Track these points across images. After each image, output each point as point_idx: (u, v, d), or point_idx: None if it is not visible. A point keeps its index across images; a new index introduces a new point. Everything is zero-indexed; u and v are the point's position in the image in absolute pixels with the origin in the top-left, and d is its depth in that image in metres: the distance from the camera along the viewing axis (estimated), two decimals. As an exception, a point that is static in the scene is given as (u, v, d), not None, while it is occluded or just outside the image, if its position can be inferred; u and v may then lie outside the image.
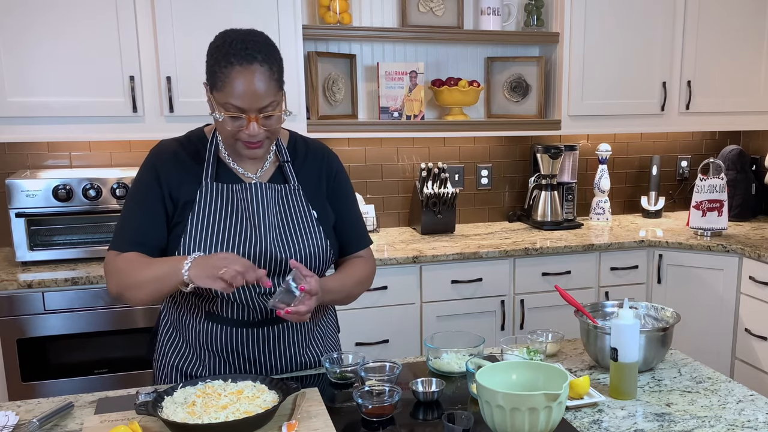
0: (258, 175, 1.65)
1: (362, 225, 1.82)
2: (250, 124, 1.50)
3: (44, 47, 2.65)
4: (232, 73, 1.46)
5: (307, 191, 1.69)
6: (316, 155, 1.74)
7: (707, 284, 3.17)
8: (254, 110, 1.49)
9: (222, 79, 1.48)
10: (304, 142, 1.75)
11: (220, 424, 1.32)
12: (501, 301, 3.08)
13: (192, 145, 1.65)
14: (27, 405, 1.56)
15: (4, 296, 2.53)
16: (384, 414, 1.46)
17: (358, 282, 1.74)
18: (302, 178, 1.69)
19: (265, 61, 1.48)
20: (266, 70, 1.48)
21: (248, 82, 1.46)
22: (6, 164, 3.01)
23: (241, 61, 1.46)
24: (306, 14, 3.16)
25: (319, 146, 1.77)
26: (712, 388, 1.63)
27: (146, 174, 1.62)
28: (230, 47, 1.48)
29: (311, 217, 1.67)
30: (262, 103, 1.49)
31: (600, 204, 3.67)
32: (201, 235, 1.58)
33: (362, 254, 1.80)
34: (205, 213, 1.59)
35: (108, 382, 2.65)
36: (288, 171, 1.68)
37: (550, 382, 1.38)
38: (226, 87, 1.47)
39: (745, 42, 3.47)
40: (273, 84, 1.50)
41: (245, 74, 1.46)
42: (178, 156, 1.63)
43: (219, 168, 1.64)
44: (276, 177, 1.67)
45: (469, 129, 3.31)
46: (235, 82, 1.46)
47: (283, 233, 1.62)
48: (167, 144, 1.66)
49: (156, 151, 1.65)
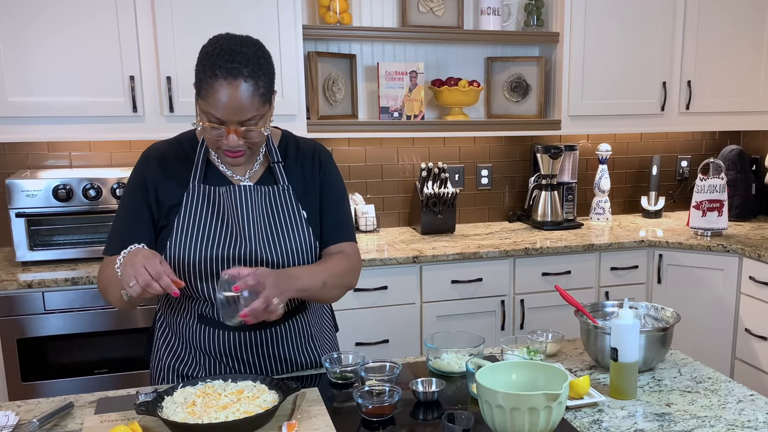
0: (247, 176, 1.65)
1: (346, 219, 1.75)
2: (229, 135, 1.50)
3: (44, 47, 2.65)
4: (215, 85, 1.45)
5: (297, 191, 1.68)
6: (306, 153, 1.72)
7: (707, 284, 3.17)
8: (234, 123, 1.49)
9: (206, 88, 1.47)
10: (295, 141, 1.74)
11: (220, 424, 1.32)
12: (501, 301, 3.08)
13: (182, 147, 1.66)
14: (27, 405, 1.56)
15: (4, 296, 2.53)
16: (384, 414, 1.46)
17: (333, 273, 1.63)
18: (292, 178, 1.68)
19: (251, 77, 1.46)
20: (251, 86, 1.46)
21: (231, 96, 1.45)
22: (6, 164, 3.01)
23: (226, 75, 1.44)
24: (306, 14, 3.16)
25: (310, 143, 1.76)
26: (712, 388, 1.63)
27: (134, 178, 1.65)
28: (218, 58, 1.46)
29: (300, 217, 1.66)
30: (243, 117, 1.48)
31: (600, 204, 3.67)
32: (186, 238, 1.58)
33: (345, 249, 1.72)
34: (190, 216, 1.60)
35: (108, 382, 2.65)
36: (278, 171, 1.67)
37: (550, 382, 1.38)
38: (209, 97, 1.47)
39: (745, 42, 3.47)
40: (257, 99, 1.48)
41: (228, 88, 1.45)
42: (166, 159, 1.64)
43: (208, 170, 1.64)
44: (265, 178, 1.67)
45: (469, 129, 3.31)
46: (217, 94, 1.45)
47: (270, 235, 1.62)
48: (156, 147, 1.67)
49: (145, 155, 1.67)
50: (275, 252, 1.61)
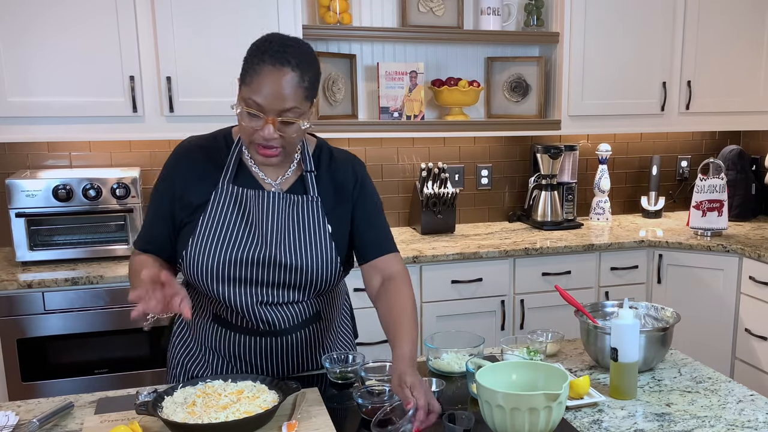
0: (279, 182, 1.62)
1: (386, 231, 1.72)
2: (266, 126, 1.46)
3: (44, 47, 2.65)
4: (262, 71, 1.44)
5: (326, 203, 1.64)
6: (340, 165, 1.69)
7: (707, 284, 3.17)
8: (273, 111, 1.45)
9: (251, 74, 1.45)
10: (329, 151, 1.70)
11: (220, 424, 1.32)
12: (501, 301, 3.08)
13: (217, 143, 1.64)
14: (27, 405, 1.56)
15: (4, 296, 2.53)
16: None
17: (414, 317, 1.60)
18: (323, 189, 1.64)
19: (298, 68, 1.45)
20: (296, 76, 1.44)
21: (275, 82, 1.43)
22: (6, 164, 3.01)
23: (274, 62, 1.44)
24: (306, 14, 3.16)
25: (345, 155, 1.73)
26: (712, 388, 1.63)
27: (164, 173, 1.64)
28: (269, 46, 1.46)
29: (324, 231, 1.62)
30: (283, 105, 1.45)
31: (600, 204, 3.67)
32: (210, 235, 1.57)
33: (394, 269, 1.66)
34: (216, 214, 1.58)
35: (108, 382, 2.65)
36: (309, 181, 1.63)
37: (550, 382, 1.38)
38: (252, 82, 1.45)
39: (744, 42, 3.47)
40: (300, 92, 1.46)
41: (274, 74, 1.43)
42: (199, 156, 1.62)
43: (240, 170, 1.61)
44: (296, 186, 1.63)
45: (469, 129, 3.31)
46: (262, 79, 1.44)
47: (292, 243, 1.59)
48: (190, 143, 1.65)
49: (177, 151, 1.65)
50: (297, 257, 1.58)
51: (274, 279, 1.59)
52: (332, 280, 1.65)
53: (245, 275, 1.57)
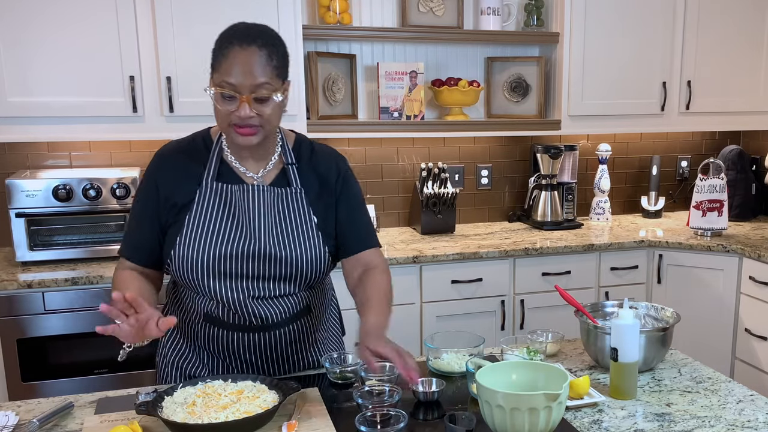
0: (260, 175, 1.64)
1: (368, 226, 1.75)
2: (242, 105, 1.48)
3: (44, 47, 2.65)
4: (230, 53, 1.48)
5: (309, 195, 1.66)
6: (322, 159, 1.71)
7: (707, 284, 3.17)
8: (246, 88, 1.47)
9: (221, 59, 1.49)
10: (309, 144, 1.73)
11: (220, 424, 1.32)
12: (501, 301, 3.08)
13: (196, 145, 1.66)
14: (27, 405, 1.56)
15: (4, 296, 2.53)
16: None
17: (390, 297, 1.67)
18: (306, 181, 1.67)
19: (265, 46, 1.49)
20: (264, 54, 1.48)
21: (243, 60, 1.47)
22: (6, 164, 3.01)
23: (241, 42, 1.48)
24: (306, 14, 3.16)
25: (327, 150, 1.74)
26: (712, 388, 1.63)
27: (146, 178, 1.65)
28: (234, 31, 1.51)
29: (311, 222, 1.64)
30: (254, 81, 1.47)
31: (600, 204, 3.67)
32: (197, 234, 1.58)
33: (375, 262, 1.72)
34: (202, 212, 1.59)
35: (108, 382, 2.65)
36: (291, 174, 1.65)
37: (550, 382, 1.38)
38: (222, 65, 1.48)
39: (745, 42, 3.47)
40: (270, 69, 1.49)
41: (242, 54, 1.47)
42: (180, 158, 1.64)
43: (222, 168, 1.63)
44: (279, 179, 1.66)
45: (469, 129, 3.31)
46: (231, 60, 1.47)
47: (279, 235, 1.61)
48: (169, 147, 1.68)
49: (158, 155, 1.67)
50: (285, 248, 1.60)
51: (264, 272, 1.60)
52: (321, 270, 1.67)
53: (235, 270, 1.58)
